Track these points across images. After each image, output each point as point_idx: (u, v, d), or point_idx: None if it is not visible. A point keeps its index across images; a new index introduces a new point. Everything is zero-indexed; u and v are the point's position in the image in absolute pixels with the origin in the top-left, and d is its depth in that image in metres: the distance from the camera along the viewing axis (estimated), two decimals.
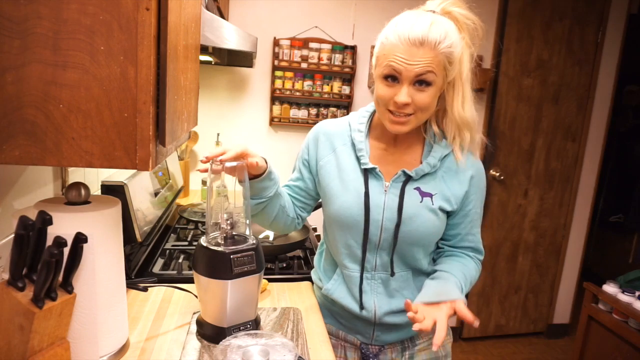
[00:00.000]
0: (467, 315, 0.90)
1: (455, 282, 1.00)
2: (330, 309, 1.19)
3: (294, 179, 1.18)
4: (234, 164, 0.97)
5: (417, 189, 1.03)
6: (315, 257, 1.26)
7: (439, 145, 1.04)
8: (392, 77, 0.95)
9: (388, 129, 1.01)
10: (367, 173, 1.04)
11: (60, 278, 0.73)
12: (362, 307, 1.09)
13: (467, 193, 1.05)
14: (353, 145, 1.08)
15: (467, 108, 1.01)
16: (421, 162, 1.05)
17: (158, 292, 1.20)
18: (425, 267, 1.10)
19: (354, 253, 1.07)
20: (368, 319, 1.10)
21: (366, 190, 1.03)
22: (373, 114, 1.11)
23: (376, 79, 0.98)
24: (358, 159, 1.06)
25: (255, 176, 1.02)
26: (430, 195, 1.03)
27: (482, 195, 1.10)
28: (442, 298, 0.95)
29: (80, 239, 0.72)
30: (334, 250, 1.13)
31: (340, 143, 1.09)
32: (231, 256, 0.94)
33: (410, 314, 0.89)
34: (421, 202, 1.02)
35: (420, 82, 0.93)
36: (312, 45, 2.46)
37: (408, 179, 1.03)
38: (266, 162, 1.04)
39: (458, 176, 1.05)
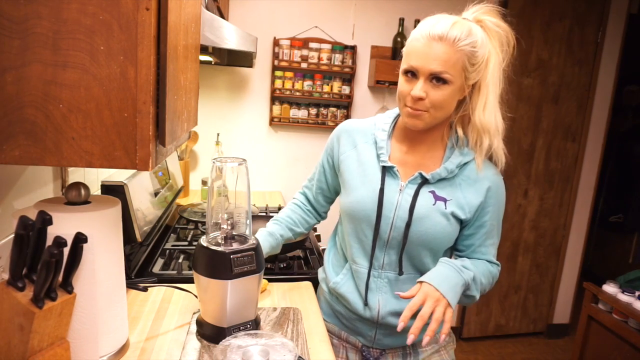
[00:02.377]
0: (446, 325, 0.90)
1: (462, 280, 0.99)
2: (334, 309, 1.19)
3: (317, 172, 1.25)
4: (235, 164, 0.98)
5: (432, 192, 1.04)
6: (325, 252, 1.28)
7: (459, 152, 1.05)
8: (411, 73, 0.98)
9: (405, 124, 1.04)
10: (384, 171, 1.06)
11: (60, 278, 0.73)
12: (365, 303, 1.09)
13: (483, 204, 1.05)
14: (375, 143, 1.10)
15: (487, 113, 1.00)
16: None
17: (158, 292, 1.20)
18: None
19: (364, 248, 1.09)
20: (370, 319, 1.10)
21: (382, 187, 1.05)
22: (398, 116, 1.13)
23: (400, 74, 1.02)
24: (378, 156, 1.08)
25: None
26: (445, 200, 1.04)
27: (499, 208, 1.09)
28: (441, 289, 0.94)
29: (80, 239, 0.72)
30: (345, 243, 1.15)
31: (362, 140, 1.12)
32: (231, 256, 0.94)
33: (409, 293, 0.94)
34: (434, 204, 1.03)
35: (437, 79, 0.95)
36: (312, 45, 2.46)
37: (424, 181, 1.04)
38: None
39: (475, 186, 1.05)
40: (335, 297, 1.18)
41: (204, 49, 1.63)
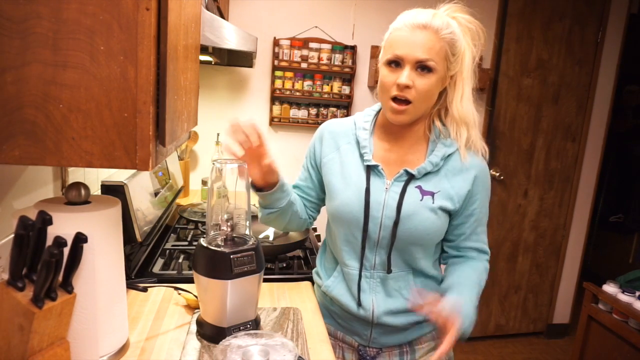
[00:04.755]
0: (446, 345, 0.92)
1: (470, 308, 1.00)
2: (329, 309, 1.19)
3: (302, 179, 1.21)
4: (235, 165, 0.98)
5: (419, 187, 1.04)
6: (318, 256, 1.27)
7: (442, 144, 1.05)
8: (395, 63, 0.98)
9: (389, 119, 1.03)
10: (369, 170, 1.06)
11: (60, 278, 0.73)
12: (359, 304, 1.09)
13: (471, 192, 1.05)
14: (357, 143, 1.09)
15: (465, 105, 1.03)
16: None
17: (158, 292, 1.20)
18: (427, 269, 1.10)
19: (354, 250, 1.08)
20: (365, 318, 1.10)
21: (367, 187, 1.04)
22: (378, 113, 1.13)
23: (381, 66, 1.02)
24: (361, 156, 1.08)
25: (267, 186, 1.05)
26: (432, 194, 1.03)
27: (486, 195, 1.10)
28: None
29: (80, 239, 0.72)
30: (334, 247, 1.14)
31: (344, 142, 1.12)
32: (231, 256, 0.94)
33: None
34: (421, 200, 1.03)
35: (422, 67, 0.96)
36: (312, 45, 2.46)
37: (410, 178, 1.04)
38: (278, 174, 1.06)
39: (461, 175, 1.05)
40: (330, 298, 1.18)
41: (204, 49, 1.63)
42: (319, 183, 1.18)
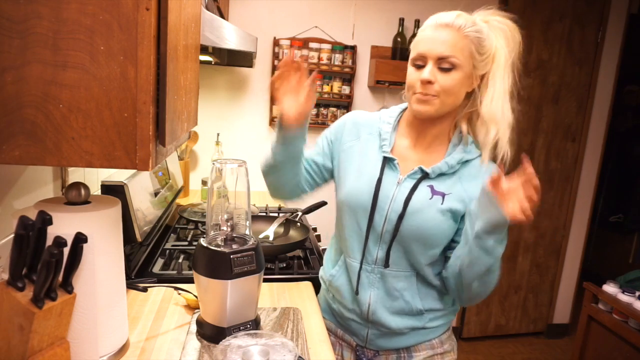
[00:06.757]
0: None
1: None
2: (330, 306, 1.20)
3: (313, 152, 1.19)
4: (235, 165, 0.98)
5: (430, 186, 1.04)
6: (326, 252, 1.28)
7: (463, 149, 1.05)
8: (419, 61, 1.00)
9: (415, 112, 1.04)
10: (385, 162, 1.06)
11: (60, 278, 0.73)
12: (357, 293, 1.09)
13: None
14: (379, 135, 1.10)
15: (494, 103, 1.01)
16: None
17: (158, 292, 1.20)
18: (430, 276, 1.08)
19: (358, 242, 1.09)
20: (360, 315, 1.10)
21: (380, 177, 1.05)
22: (404, 111, 1.14)
23: (408, 66, 1.03)
24: (380, 147, 1.08)
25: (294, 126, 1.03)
26: (442, 195, 1.03)
27: None
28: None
29: (80, 239, 0.72)
30: (341, 238, 1.15)
31: (366, 132, 1.12)
32: (231, 256, 0.94)
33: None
34: (430, 199, 1.03)
35: (445, 64, 0.97)
36: (312, 45, 2.46)
37: (424, 176, 1.04)
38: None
39: (476, 180, 1.03)
40: (332, 294, 1.18)
41: (204, 49, 1.63)
42: (327, 161, 1.17)
